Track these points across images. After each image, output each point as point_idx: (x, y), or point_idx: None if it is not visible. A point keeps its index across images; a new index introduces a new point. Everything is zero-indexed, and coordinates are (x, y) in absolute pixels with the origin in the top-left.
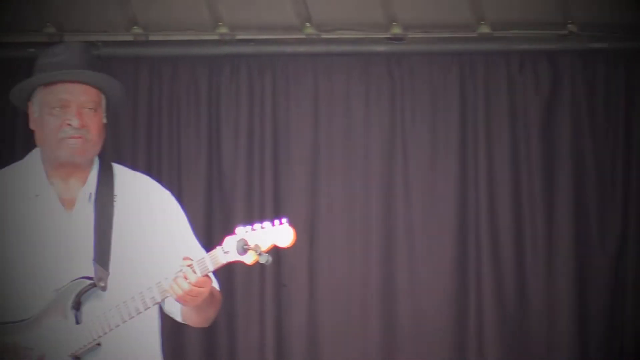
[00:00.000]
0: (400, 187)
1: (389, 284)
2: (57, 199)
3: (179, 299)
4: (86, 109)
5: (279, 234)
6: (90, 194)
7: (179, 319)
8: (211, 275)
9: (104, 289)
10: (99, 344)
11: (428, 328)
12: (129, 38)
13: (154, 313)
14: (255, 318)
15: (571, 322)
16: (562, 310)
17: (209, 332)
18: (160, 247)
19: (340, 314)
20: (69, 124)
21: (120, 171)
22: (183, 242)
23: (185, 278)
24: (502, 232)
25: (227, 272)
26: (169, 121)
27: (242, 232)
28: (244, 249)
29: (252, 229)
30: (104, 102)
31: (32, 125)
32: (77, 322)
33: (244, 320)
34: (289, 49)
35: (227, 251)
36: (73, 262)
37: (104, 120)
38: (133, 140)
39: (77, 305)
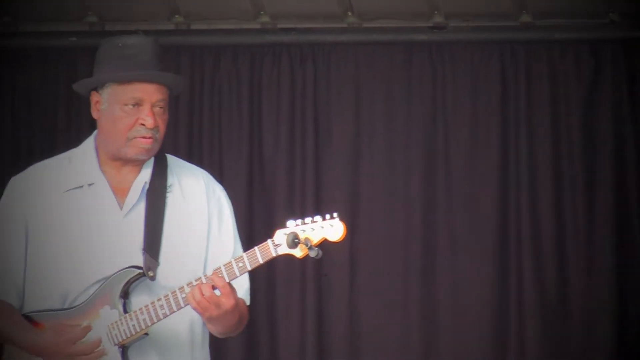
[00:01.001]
0: (441, 177)
1: (430, 275)
2: (109, 188)
3: (197, 308)
4: (157, 107)
5: (329, 228)
6: (145, 183)
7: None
8: (246, 284)
9: (152, 278)
10: (146, 334)
11: (468, 320)
12: (171, 27)
13: None
14: (296, 309)
15: (610, 321)
16: (602, 309)
17: (249, 323)
18: (208, 240)
19: (381, 305)
20: (143, 124)
21: (173, 162)
22: (228, 243)
23: (199, 289)
24: (543, 224)
25: (268, 263)
26: (210, 111)
27: (293, 225)
28: (294, 242)
29: (303, 223)
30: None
31: (95, 115)
32: (125, 311)
33: (285, 311)
34: (330, 38)
35: (278, 244)
36: (123, 251)
37: None
38: (174, 130)
39: (125, 295)
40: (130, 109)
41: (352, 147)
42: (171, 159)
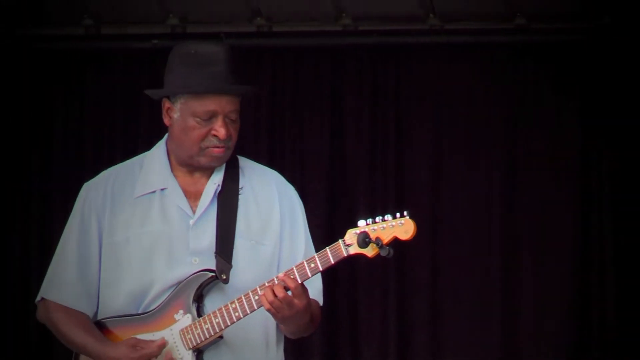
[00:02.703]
0: (522, 178)
1: (512, 275)
2: (181, 193)
3: (270, 310)
4: (230, 118)
5: (400, 226)
6: (217, 186)
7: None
8: (319, 285)
9: (225, 281)
10: (221, 337)
11: (549, 323)
12: (252, 29)
13: None
14: (378, 307)
15: None
16: None
17: (331, 320)
18: (279, 241)
19: (462, 304)
20: (215, 135)
21: (245, 164)
22: (300, 244)
23: (272, 290)
24: (624, 222)
25: (349, 261)
26: (292, 113)
27: (363, 224)
28: (365, 241)
29: (374, 222)
30: None
31: (167, 122)
32: (199, 315)
33: (366, 309)
34: (412, 39)
35: (349, 244)
36: (196, 255)
37: None
38: (255, 131)
39: (199, 298)
40: (203, 121)
41: (433, 148)
42: (242, 161)
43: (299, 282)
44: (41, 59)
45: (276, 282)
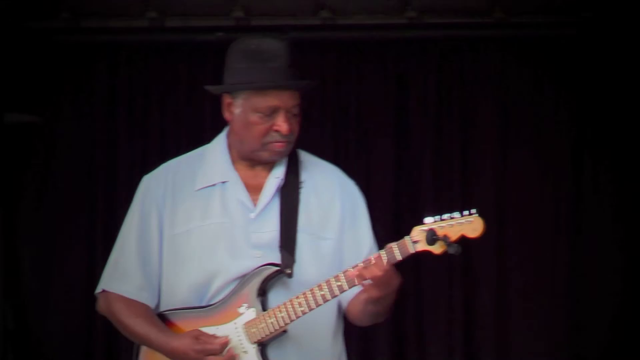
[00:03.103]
0: (588, 172)
1: (577, 270)
2: (242, 186)
3: (367, 288)
4: (292, 113)
5: (468, 224)
6: (280, 179)
7: (342, 307)
8: None
9: (290, 275)
10: (285, 331)
11: (613, 316)
12: (317, 22)
13: (337, 300)
14: (443, 303)
15: None
16: None
17: (397, 314)
18: (342, 234)
19: (529, 301)
20: (278, 130)
21: (306, 158)
22: (363, 237)
23: (376, 266)
24: None
25: (414, 257)
26: (357, 105)
27: (431, 222)
28: (432, 239)
29: (441, 219)
30: None
31: (228, 117)
32: (263, 309)
33: (432, 305)
34: (476, 33)
35: (416, 241)
36: (258, 249)
37: None
38: (321, 124)
39: (263, 292)
40: (265, 116)
41: (498, 143)
42: (303, 155)
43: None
44: (105, 51)
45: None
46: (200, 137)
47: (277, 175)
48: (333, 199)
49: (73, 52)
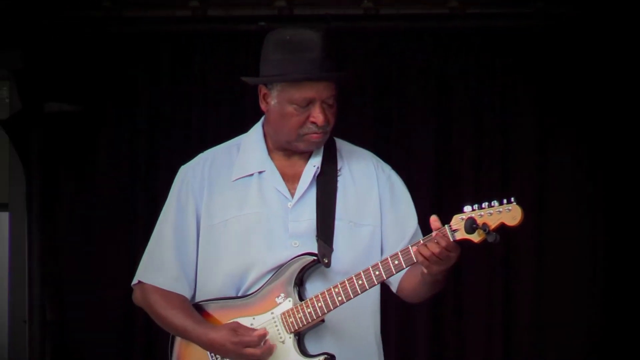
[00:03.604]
0: (626, 166)
1: (616, 262)
2: (279, 176)
3: (425, 263)
4: (328, 104)
5: (507, 212)
6: (317, 168)
7: (394, 289)
8: None
9: (327, 265)
10: (322, 321)
11: None
12: (359, 12)
13: (375, 290)
14: (483, 296)
15: None
16: None
17: (435, 304)
18: (381, 220)
19: (566, 292)
20: (314, 122)
21: (342, 145)
22: (406, 218)
23: (438, 242)
24: None
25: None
26: (398, 97)
27: (470, 210)
28: (472, 227)
29: (481, 208)
30: None
31: (264, 108)
32: (301, 299)
33: (471, 297)
34: (517, 23)
35: (456, 229)
36: (295, 238)
37: None
38: (361, 113)
39: (301, 282)
40: (300, 107)
41: (539, 131)
42: (339, 143)
43: (406, 266)
44: (148, 41)
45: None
46: (241, 126)
47: (314, 163)
48: (370, 185)
49: (115, 41)
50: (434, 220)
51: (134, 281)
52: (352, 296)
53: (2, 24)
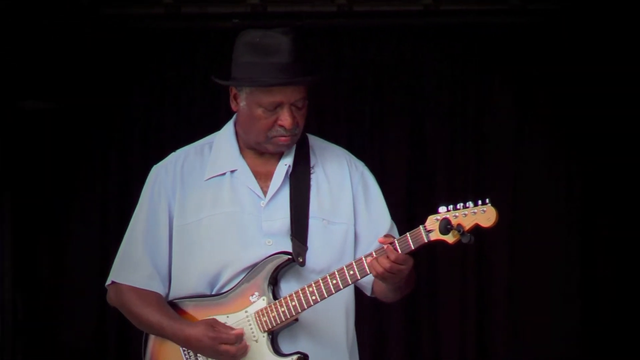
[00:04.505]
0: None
1: (590, 257)
2: (252, 175)
3: (379, 277)
4: (297, 107)
5: (482, 214)
6: (289, 166)
7: (368, 293)
8: None
9: (302, 264)
10: (296, 320)
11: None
12: (332, 9)
13: (349, 289)
14: (456, 294)
15: None
16: None
17: (410, 303)
18: (355, 218)
19: (540, 290)
20: (282, 125)
21: (315, 142)
22: (379, 216)
23: (387, 256)
24: None
25: (429, 246)
26: (372, 94)
27: (444, 211)
28: (446, 228)
29: (455, 208)
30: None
31: (234, 108)
32: (275, 298)
33: (445, 295)
34: (493, 20)
35: (430, 230)
36: (269, 237)
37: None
38: (335, 111)
39: (275, 281)
40: (268, 111)
41: (514, 132)
42: (312, 139)
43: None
44: (121, 38)
45: (374, 255)
46: (215, 124)
47: (286, 162)
48: (344, 183)
49: (90, 39)
50: (381, 240)
51: (108, 282)
52: (326, 295)
53: None
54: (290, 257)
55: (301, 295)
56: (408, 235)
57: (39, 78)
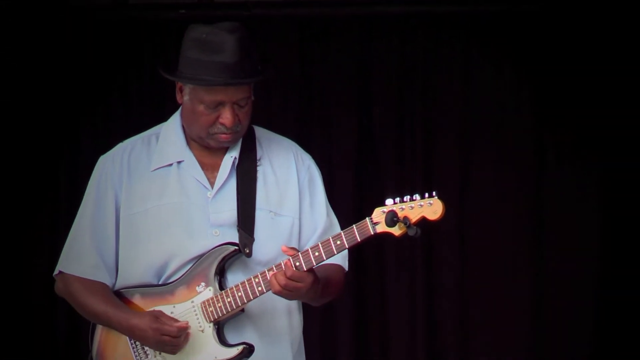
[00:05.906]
0: (551, 156)
1: (539, 254)
2: (198, 166)
3: (277, 294)
4: (239, 105)
5: (428, 206)
6: (235, 158)
7: None
8: (344, 254)
9: (249, 255)
10: (242, 310)
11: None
12: None
13: None
14: (405, 287)
15: None
16: None
17: (358, 299)
18: (300, 211)
19: (491, 285)
20: (223, 123)
21: (261, 134)
22: (318, 213)
23: (284, 272)
24: None
25: (378, 238)
26: (320, 84)
27: (391, 203)
28: (393, 220)
29: (402, 201)
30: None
31: (179, 101)
32: (222, 288)
33: (394, 292)
34: (441, 9)
35: (377, 222)
36: (216, 228)
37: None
38: (283, 102)
39: (221, 272)
40: (210, 108)
41: (461, 124)
42: (259, 131)
43: (293, 269)
44: (69, 28)
45: (279, 268)
46: (163, 115)
47: (233, 154)
48: (290, 175)
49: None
50: (284, 249)
51: (55, 272)
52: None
53: None
54: (236, 248)
55: (247, 286)
56: (354, 227)
57: None
